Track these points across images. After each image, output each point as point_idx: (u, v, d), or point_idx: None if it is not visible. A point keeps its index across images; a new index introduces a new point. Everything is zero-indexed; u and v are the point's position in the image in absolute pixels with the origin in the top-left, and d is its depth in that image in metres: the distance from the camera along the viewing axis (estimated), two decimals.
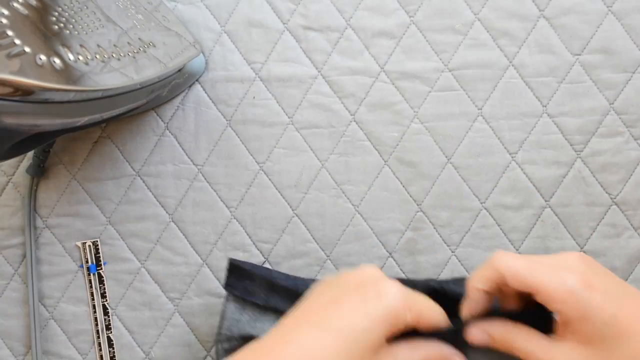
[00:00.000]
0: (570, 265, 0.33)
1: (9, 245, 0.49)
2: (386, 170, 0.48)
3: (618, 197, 0.47)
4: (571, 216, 0.47)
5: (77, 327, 0.49)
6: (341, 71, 0.48)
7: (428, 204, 0.48)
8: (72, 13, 0.32)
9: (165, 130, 0.49)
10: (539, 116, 0.47)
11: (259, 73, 0.48)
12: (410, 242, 0.48)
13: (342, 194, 0.48)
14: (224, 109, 0.49)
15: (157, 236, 0.48)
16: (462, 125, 0.48)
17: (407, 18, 0.48)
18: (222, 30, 0.49)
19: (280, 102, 0.48)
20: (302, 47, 0.48)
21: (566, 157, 0.47)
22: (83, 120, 0.33)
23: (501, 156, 0.48)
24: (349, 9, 0.48)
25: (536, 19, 0.48)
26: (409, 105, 0.48)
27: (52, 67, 0.28)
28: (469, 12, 0.48)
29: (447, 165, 0.48)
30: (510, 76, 0.48)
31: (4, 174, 0.49)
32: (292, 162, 0.48)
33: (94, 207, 0.49)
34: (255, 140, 0.48)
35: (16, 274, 0.49)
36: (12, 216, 0.49)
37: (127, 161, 0.49)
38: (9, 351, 0.49)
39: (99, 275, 0.48)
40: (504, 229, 0.47)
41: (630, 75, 0.47)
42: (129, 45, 0.36)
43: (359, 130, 0.48)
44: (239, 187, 0.48)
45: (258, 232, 0.48)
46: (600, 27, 0.47)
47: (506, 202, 0.47)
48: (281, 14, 0.48)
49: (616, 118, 0.47)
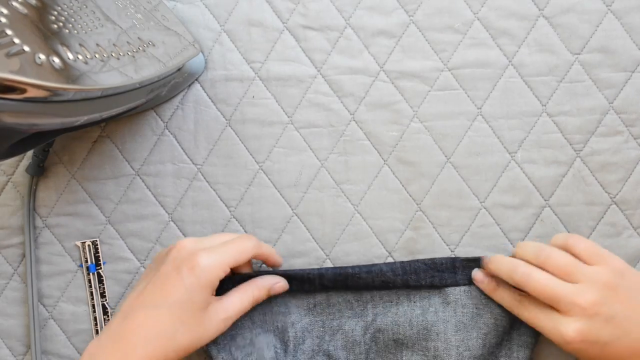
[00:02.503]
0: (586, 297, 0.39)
1: (8, 245, 0.49)
2: (386, 170, 0.48)
3: (617, 196, 0.47)
4: (571, 215, 0.47)
5: (76, 327, 0.49)
6: (340, 70, 0.48)
7: (427, 203, 0.48)
8: (71, 12, 0.32)
9: (164, 130, 0.49)
10: (539, 115, 0.47)
11: (259, 72, 0.48)
12: (410, 242, 0.48)
13: (341, 194, 0.48)
14: (223, 108, 0.49)
15: (156, 236, 0.48)
16: (461, 124, 0.48)
17: (407, 17, 0.48)
18: (222, 30, 0.49)
19: (280, 102, 0.48)
20: (301, 46, 0.48)
21: (566, 156, 0.47)
22: (82, 119, 0.33)
23: (501, 155, 0.48)
24: (348, 8, 0.48)
25: (536, 18, 0.48)
26: (408, 105, 0.48)
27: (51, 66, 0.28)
28: (469, 11, 0.48)
29: (447, 165, 0.48)
30: (509, 75, 0.48)
31: (4, 173, 0.49)
32: (292, 162, 0.48)
33: (93, 206, 0.49)
34: (254, 140, 0.48)
35: (16, 274, 0.49)
36: (11, 216, 0.49)
37: (127, 160, 0.49)
38: (8, 351, 0.49)
39: (99, 274, 0.48)
40: (504, 229, 0.47)
41: (629, 75, 0.47)
42: (128, 45, 0.36)
43: (359, 130, 0.48)
44: (238, 187, 0.48)
45: (257, 231, 0.48)
46: (599, 27, 0.47)
47: (506, 201, 0.47)
48: (280, 13, 0.48)
49: (615, 117, 0.47)
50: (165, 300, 0.38)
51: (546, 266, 0.40)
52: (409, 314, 0.44)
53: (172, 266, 0.40)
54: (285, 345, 0.45)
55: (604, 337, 0.38)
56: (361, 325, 0.45)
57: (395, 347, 0.45)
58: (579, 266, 0.40)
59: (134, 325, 0.38)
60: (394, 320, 0.44)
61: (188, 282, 0.38)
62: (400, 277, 0.44)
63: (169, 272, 0.40)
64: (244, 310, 0.41)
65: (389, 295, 0.45)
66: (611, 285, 0.39)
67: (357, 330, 0.45)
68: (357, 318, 0.45)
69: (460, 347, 0.43)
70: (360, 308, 0.45)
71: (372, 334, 0.45)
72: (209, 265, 0.39)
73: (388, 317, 0.45)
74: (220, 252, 0.40)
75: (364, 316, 0.45)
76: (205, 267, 0.39)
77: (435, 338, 0.43)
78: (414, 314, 0.44)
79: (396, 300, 0.45)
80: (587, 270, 0.40)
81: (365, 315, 0.45)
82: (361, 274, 0.44)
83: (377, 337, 0.45)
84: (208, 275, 0.39)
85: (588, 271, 0.40)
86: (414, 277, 0.44)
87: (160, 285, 0.39)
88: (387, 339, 0.45)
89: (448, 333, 0.43)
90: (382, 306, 0.45)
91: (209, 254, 0.40)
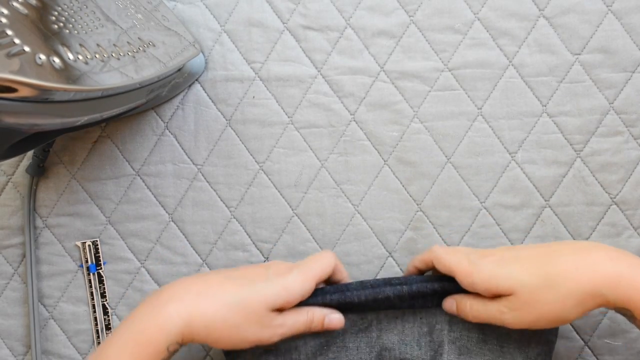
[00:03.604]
0: (464, 251, 0.42)
1: (8, 245, 0.49)
2: (386, 170, 0.48)
3: (618, 196, 0.47)
4: (571, 216, 0.47)
5: (76, 327, 0.49)
6: (341, 71, 0.48)
7: (428, 203, 0.48)
8: (71, 12, 0.32)
9: (165, 130, 0.49)
10: (539, 116, 0.47)
11: (259, 72, 0.48)
12: (410, 242, 0.48)
13: (341, 194, 0.48)
14: (223, 108, 0.49)
15: (156, 236, 0.48)
16: (461, 124, 0.48)
17: (407, 17, 0.48)
18: (222, 30, 0.49)
19: (280, 102, 0.48)
20: (301, 46, 0.48)
21: (566, 156, 0.47)
22: (83, 119, 0.33)
23: (501, 156, 0.48)
24: (348, 9, 0.48)
25: (536, 18, 0.48)
26: (408, 105, 0.48)
27: (52, 67, 0.28)
28: (469, 11, 0.48)
29: (447, 165, 0.48)
30: (510, 76, 0.48)
31: (4, 173, 0.49)
32: (292, 162, 0.48)
33: (93, 206, 0.49)
34: (255, 140, 0.48)
35: (16, 274, 0.49)
36: (11, 216, 0.49)
37: (127, 161, 0.49)
38: (8, 351, 0.49)
39: (99, 275, 0.48)
40: (504, 229, 0.47)
41: (629, 75, 0.47)
42: (129, 45, 0.36)
43: (359, 130, 0.48)
44: (238, 187, 0.48)
45: (258, 231, 0.48)
46: (600, 27, 0.47)
47: (506, 201, 0.47)
48: (281, 14, 0.48)
49: (616, 118, 0.47)
50: (246, 278, 0.40)
51: None
52: (416, 333, 0.43)
53: (261, 266, 0.42)
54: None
55: None
56: (365, 341, 0.43)
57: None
58: None
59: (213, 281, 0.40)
60: (401, 339, 0.43)
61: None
62: (407, 302, 0.42)
63: (256, 268, 0.42)
64: (297, 331, 0.40)
65: (394, 312, 0.43)
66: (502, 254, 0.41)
67: (362, 347, 0.43)
68: (361, 334, 0.43)
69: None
70: (364, 325, 0.43)
71: (378, 352, 0.43)
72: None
73: (394, 334, 0.43)
74: (305, 269, 0.41)
75: (368, 332, 0.43)
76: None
77: None
78: (422, 332, 0.43)
79: (401, 316, 0.43)
80: None
81: (370, 331, 0.43)
82: (368, 303, 0.42)
83: (383, 356, 0.43)
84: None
85: None
86: (421, 301, 0.42)
87: (244, 269, 0.42)
88: (393, 357, 0.43)
89: (452, 355, 0.42)
90: (387, 322, 0.43)
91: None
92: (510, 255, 0.40)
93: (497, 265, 0.39)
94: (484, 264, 0.40)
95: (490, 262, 0.40)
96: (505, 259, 0.40)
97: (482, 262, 0.40)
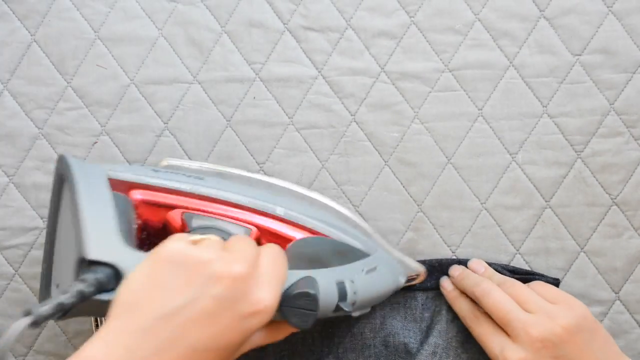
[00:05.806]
0: None
1: (9, 246, 0.49)
2: (386, 171, 0.48)
3: (618, 197, 0.47)
4: (571, 216, 0.47)
5: (77, 327, 0.48)
6: (341, 71, 0.48)
7: (428, 204, 0.48)
8: None
9: (165, 131, 0.49)
10: (540, 116, 0.47)
11: (259, 73, 0.48)
12: (411, 243, 0.48)
13: (342, 195, 0.48)
14: (224, 109, 0.49)
15: None
16: (462, 125, 0.48)
17: (408, 18, 0.48)
18: (223, 31, 0.49)
19: (281, 103, 0.48)
20: (302, 47, 0.48)
21: (566, 157, 0.47)
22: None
23: (501, 156, 0.48)
24: (349, 9, 0.48)
25: (536, 19, 0.48)
26: (409, 106, 0.48)
27: None
28: (470, 12, 0.48)
29: (448, 166, 0.48)
30: (510, 76, 0.48)
31: (5, 174, 0.49)
32: (293, 163, 0.48)
33: None
34: (255, 141, 0.48)
35: (16, 275, 0.49)
36: (12, 216, 0.49)
37: (127, 161, 0.49)
38: (9, 351, 0.48)
39: None
40: (505, 230, 0.47)
41: (630, 76, 0.47)
42: None
43: (359, 131, 0.48)
44: None
45: None
46: (600, 28, 0.47)
47: (506, 202, 0.47)
48: (281, 14, 0.48)
49: (616, 118, 0.47)
50: (216, 343, 0.31)
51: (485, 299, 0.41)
52: (418, 318, 0.45)
53: (223, 306, 0.31)
54: None
55: None
56: (369, 327, 0.45)
57: (405, 352, 0.44)
58: (538, 300, 0.40)
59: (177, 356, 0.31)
60: (404, 325, 0.45)
61: (249, 328, 0.32)
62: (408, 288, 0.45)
63: (219, 313, 0.31)
64: None
65: (395, 298, 0.45)
66: (569, 329, 0.38)
67: (366, 333, 0.45)
68: (364, 320, 0.45)
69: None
70: None
71: (383, 338, 0.45)
72: (274, 305, 0.32)
73: (397, 320, 0.45)
74: (275, 281, 0.33)
75: (372, 318, 0.45)
76: (271, 308, 0.32)
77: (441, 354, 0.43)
78: (423, 318, 0.45)
79: (403, 302, 0.45)
80: (548, 305, 0.40)
81: (373, 317, 0.45)
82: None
83: (387, 341, 0.45)
84: (271, 315, 0.33)
85: (549, 307, 0.39)
86: (421, 286, 0.45)
87: (209, 324, 0.31)
88: (397, 342, 0.44)
89: (450, 334, 0.43)
90: (390, 308, 0.45)
91: (269, 289, 0.32)
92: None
93: None
94: None
95: None
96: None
97: None
